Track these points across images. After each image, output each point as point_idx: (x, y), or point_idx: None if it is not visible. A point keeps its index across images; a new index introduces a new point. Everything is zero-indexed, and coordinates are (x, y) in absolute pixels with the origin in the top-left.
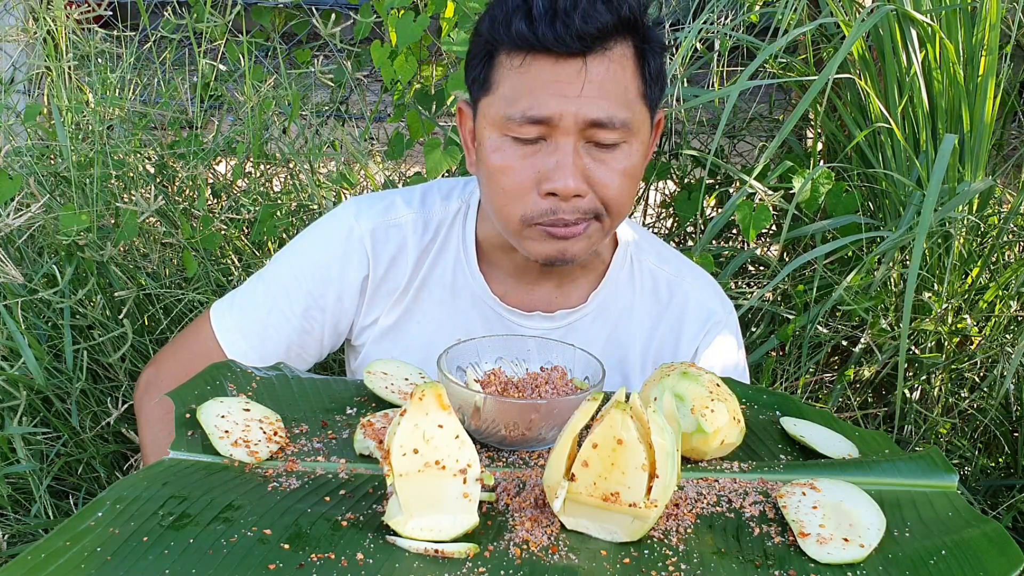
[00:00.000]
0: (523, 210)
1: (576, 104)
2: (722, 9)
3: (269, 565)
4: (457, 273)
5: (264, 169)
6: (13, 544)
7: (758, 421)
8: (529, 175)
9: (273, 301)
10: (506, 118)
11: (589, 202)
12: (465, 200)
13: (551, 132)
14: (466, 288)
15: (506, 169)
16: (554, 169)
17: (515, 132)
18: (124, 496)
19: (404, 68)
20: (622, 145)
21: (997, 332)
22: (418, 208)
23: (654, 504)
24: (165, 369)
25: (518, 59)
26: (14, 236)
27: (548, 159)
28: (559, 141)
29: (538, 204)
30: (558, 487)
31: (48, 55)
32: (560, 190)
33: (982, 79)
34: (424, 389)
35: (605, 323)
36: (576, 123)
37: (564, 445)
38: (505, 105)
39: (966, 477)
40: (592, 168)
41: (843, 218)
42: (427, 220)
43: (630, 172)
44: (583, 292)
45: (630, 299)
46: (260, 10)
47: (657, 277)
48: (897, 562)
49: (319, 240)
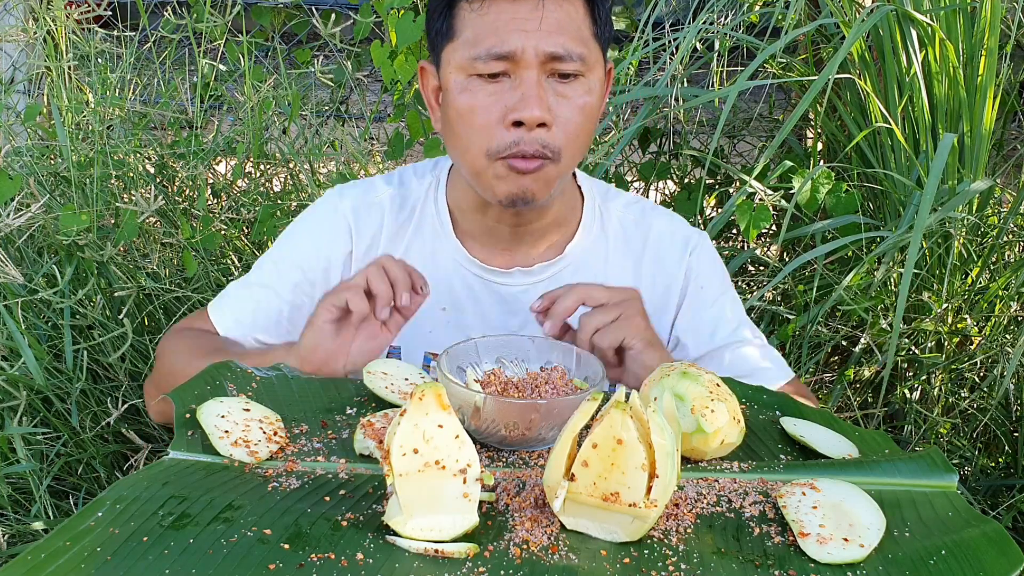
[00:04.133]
0: (488, 144)
1: (536, 38)
2: (722, 9)
3: (269, 565)
4: (435, 243)
5: (264, 169)
6: (13, 544)
7: (758, 421)
8: (496, 110)
9: (266, 280)
10: (471, 58)
11: (552, 134)
12: (436, 175)
13: (515, 68)
14: (444, 254)
15: (474, 107)
16: (520, 100)
17: (480, 70)
18: (124, 496)
19: (404, 68)
20: (580, 79)
21: (997, 332)
22: (396, 187)
23: (654, 504)
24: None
25: (477, 2)
26: (14, 236)
27: (513, 93)
28: (523, 75)
29: (503, 136)
30: (558, 487)
31: (48, 55)
32: (526, 118)
33: (982, 79)
34: (424, 389)
35: (586, 274)
36: (537, 55)
37: (564, 445)
38: (469, 47)
39: (966, 477)
40: (555, 104)
41: (843, 218)
42: (404, 197)
43: (588, 111)
44: (559, 247)
45: (604, 250)
46: (260, 10)
47: (626, 223)
48: (897, 562)
49: (306, 221)
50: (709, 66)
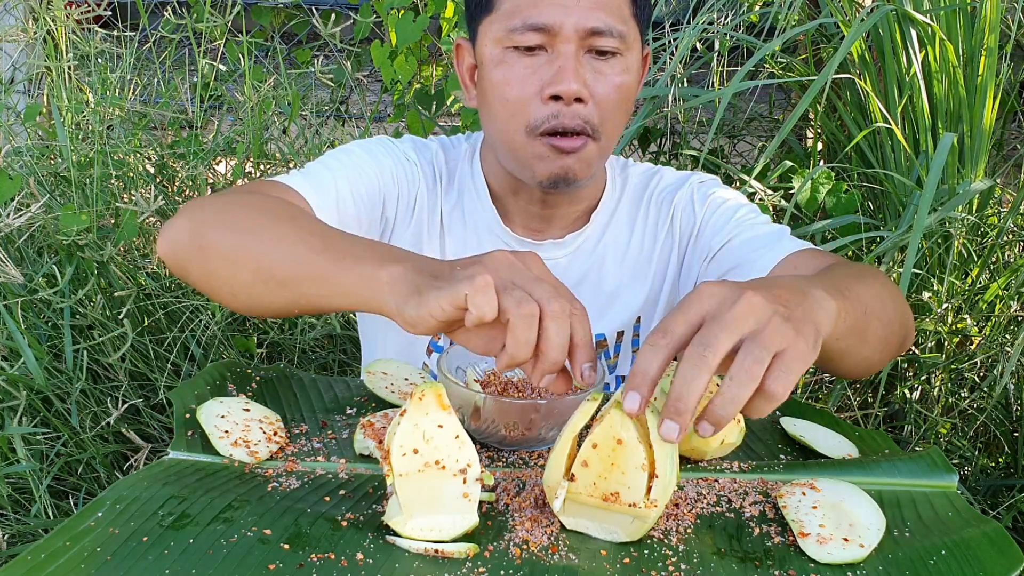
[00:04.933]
0: (526, 119)
1: (576, 14)
2: (721, 9)
3: (269, 565)
4: (473, 209)
5: (264, 169)
6: (13, 544)
7: (758, 421)
8: (532, 84)
9: (356, 160)
10: (508, 30)
11: (590, 110)
12: (471, 145)
13: (552, 41)
14: (481, 221)
15: (510, 80)
16: (556, 74)
17: (517, 42)
18: (124, 496)
19: (404, 68)
20: (618, 56)
21: (997, 332)
22: (439, 149)
23: (654, 504)
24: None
25: None
26: (14, 236)
27: (550, 67)
28: (560, 49)
29: (540, 110)
30: (558, 487)
31: (48, 55)
32: (564, 92)
33: (982, 79)
34: (424, 389)
35: (608, 237)
36: (576, 31)
37: (564, 445)
38: (506, 19)
39: (966, 477)
40: (591, 80)
41: (843, 218)
42: (447, 160)
43: (624, 90)
44: (585, 216)
45: (623, 213)
46: (260, 10)
47: (637, 184)
48: (897, 562)
49: (375, 145)
50: (709, 66)
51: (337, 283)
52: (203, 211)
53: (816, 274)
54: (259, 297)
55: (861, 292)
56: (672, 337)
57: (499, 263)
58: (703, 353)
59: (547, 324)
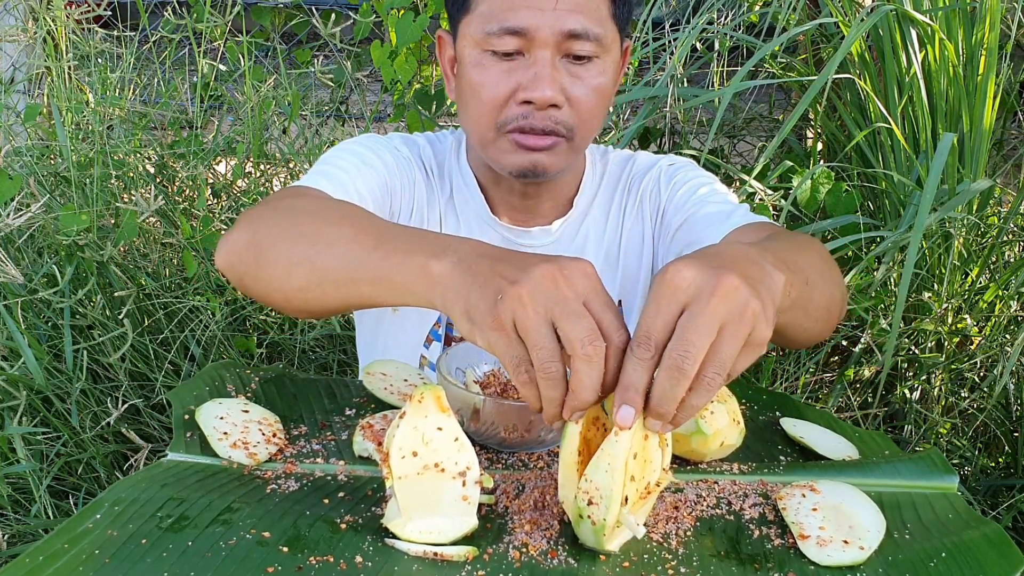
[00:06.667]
0: (497, 118)
1: (552, 17)
2: (721, 8)
3: (268, 567)
4: (462, 199)
5: (264, 169)
6: (13, 544)
7: (758, 422)
8: (507, 87)
9: (362, 158)
10: (485, 33)
11: (565, 113)
12: (456, 138)
13: (529, 46)
14: (472, 212)
15: (485, 82)
16: (532, 80)
17: (494, 46)
18: (122, 498)
19: (404, 68)
20: (595, 60)
21: (997, 332)
22: (434, 144)
23: (667, 470)
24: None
25: None
26: (14, 236)
27: (526, 72)
28: (537, 54)
29: (512, 110)
30: (623, 519)
31: (48, 55)
32: (537, 99)
33: (982, 79)
34: (423, 391)
35: (590, 220)
36: (553, 35)
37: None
38: (484, 21)
39: (966, 477)
40: (568, 84)
41: (843, 218)
42: (435, 153)
43: (602, 91)
44: (568, 203)
45: (594, 193)
46: (260, 10)
47: (614, 171)
48: (897, 564)
49: (377, 142)
50: (709, 66)
51: (390, 282)
52: (258, 221)
53: (760, 244)
54: (316, 300)
55: (803, 264)
56: (654, 345)
57: (540, 285)
58: (681, 365)
59: (578, 367)
